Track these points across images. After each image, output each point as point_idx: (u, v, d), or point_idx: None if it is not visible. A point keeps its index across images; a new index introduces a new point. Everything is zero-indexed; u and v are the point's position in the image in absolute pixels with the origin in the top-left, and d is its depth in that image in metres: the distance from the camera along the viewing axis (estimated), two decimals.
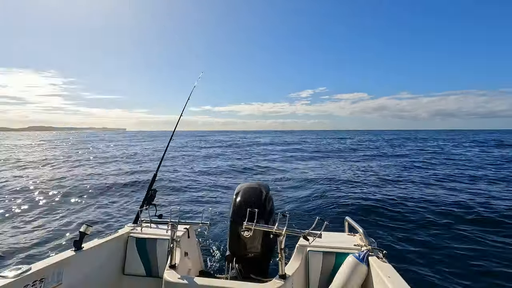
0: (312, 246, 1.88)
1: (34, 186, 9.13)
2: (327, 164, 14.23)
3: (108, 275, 2.07)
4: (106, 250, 2.06)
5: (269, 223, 1.95)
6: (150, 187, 2.62)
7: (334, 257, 1.88)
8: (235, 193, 2.14)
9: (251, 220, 1.60)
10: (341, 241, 2.01)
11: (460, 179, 9.31)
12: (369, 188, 8.22)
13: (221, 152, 22.49)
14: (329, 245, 1.94)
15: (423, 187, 8.26)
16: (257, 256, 2.00)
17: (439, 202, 6.50)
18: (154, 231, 2.25)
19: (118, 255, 2.17)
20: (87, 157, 18.96)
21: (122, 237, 2.21)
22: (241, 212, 1.84)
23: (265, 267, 2.18)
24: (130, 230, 2.28)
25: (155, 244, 2.17)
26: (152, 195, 2.60)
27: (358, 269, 1.66)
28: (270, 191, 2.29)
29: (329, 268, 1.87)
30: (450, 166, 12.58)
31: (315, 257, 1.90)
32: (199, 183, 9.73)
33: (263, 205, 2.03)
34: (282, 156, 19.01)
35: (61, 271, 1.69)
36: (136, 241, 2.20)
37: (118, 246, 2.17)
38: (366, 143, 32.90)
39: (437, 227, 4.96)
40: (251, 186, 2.19)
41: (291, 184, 9.20)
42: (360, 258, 1.69)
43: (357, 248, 1.89)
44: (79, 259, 1.82)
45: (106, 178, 10.70)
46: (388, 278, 1.46)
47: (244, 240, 1.88)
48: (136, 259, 2.18)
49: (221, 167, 13.65)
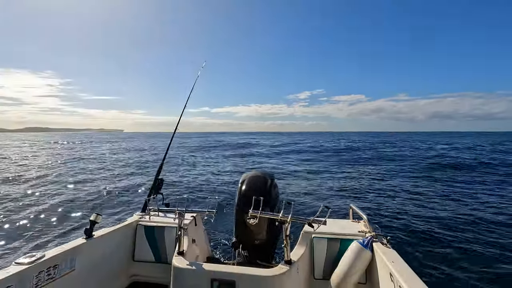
0: (317, 232, 1.91)
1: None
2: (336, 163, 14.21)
3: (118, 262, 2.14)
4: (116, 237, 2.12)
5: (274, 210, 1.97)
6: (157, 176, 2.65)
7: (339, 243, 1.90)
8: (241, 182, 2.16)
9: (257, 208, 1.62)
10: (345, 228, 2.03)
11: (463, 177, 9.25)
12: (374, 181, 8.22)
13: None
14: (333, 231, 1.96)
15: (426, 181, 8.23)
16: (263, 243, 2.03)
17: (440, 194, 6.49)
18: (162, 219, 2.30)
19: (128, 242, 2.23)
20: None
21: (131, 225, 2.26)
22: (246, 200, 1.86)
23: (271, 253, 2.22)
24: (139, 219, 2.33)
25: (163, 231, 2.22)
26: (159, 184, 2.64)
27: (362, 254, 1.68)
28: (275, 179, 2.31)
29: (333, 254, 1.90)
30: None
31: (320, 243, 1.93)
32: (206, 173, 9.82)
33: (268, 193, 2.05)
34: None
35: (74, 258, 1.75)
36: (145, 229, 2.25)
37: (127, 233, 2.23)
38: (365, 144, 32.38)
39: (441, 216, 4.97)
40: (256, 175, 2.21)
41: (297, 175, 9.24)
42: (364, 244, 1.71)
43: (361, 234, 1.91)
44: (90, 246, 1.88)
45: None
46: (392, 263, 1.48)
47: (250, 227, 1.91)
48: (145, 246, 2.24)
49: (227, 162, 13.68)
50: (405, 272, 1.38)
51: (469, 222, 4.61)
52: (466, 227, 4.40)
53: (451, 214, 5.01)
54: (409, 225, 4.50)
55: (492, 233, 4.22)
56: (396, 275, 1.38)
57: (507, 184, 7.54)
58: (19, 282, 1.41)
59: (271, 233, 2.02)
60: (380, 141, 26.73)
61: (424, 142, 25.50)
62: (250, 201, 1.68)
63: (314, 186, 7.37)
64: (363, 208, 2.12)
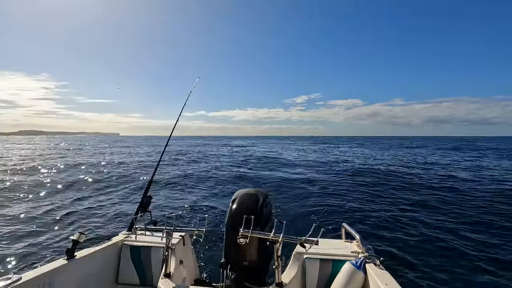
0: (309, 253, 1.87)
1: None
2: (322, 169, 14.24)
3: (101, 285, 2.03)
4: (100, 258, 2.02)
5: (265, 230, 1.93)
6: (145, 194, 2.58)
7: (331, 265, 1.86)
8: (232, 200, 2.13)
9: (247, 227, 1.59)
10: (338, 248, 2.00)
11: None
12: (365, 196, 8.24)
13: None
14: (326, 252, 1.93)
15: (421, 192, 8.30)
16: (253, 264, 1.97)
17: (436, 208, 6.54)
18: (148, 238, 2.21)
19: (112, 263, 2.13)
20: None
21: (116, 245, 2.17)
22: (237, 219, 1.82)
23: (261, 275, 2.15)
24: (124, 238, 2.24)
25: (150, 252, 2.13)
26: (147, 201, 2.56)
27: (355, 276, 1.64)
28: (269, 198, 2.28)
29: (326, 276, 1.86)
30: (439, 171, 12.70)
31: (312, 264, 1.89)
32: (196, 190, 9.66)
33: (260, 212, 2.01)
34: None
35: (52, 281, 1.65)
36: (131, 249, 2.16)
37: (111, 254, 2.13)
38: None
39: (434, 233, 4.98)
40: (248, 193, 2.17)
41: (289, 191, 9.18)
42: (357, 265, 1.68)
43: (354, 255, 1.88)
44: (71, 268, 1.78)
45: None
46: (386, 286, 1.45)
47: (240, 247, 1.86)
48: (130, 268, 2.14)
49: (221, 173, 13.55)
50: None
51: (468, 243, 4.61)
52: (465, 249, 4.39)
53: (449, 233, 5.02)
54: (404, 245, 4.47)
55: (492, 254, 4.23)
56: None
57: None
58: None
59: (262, 253, 1.97)
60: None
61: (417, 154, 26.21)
62: (241, 219, 1.64)
63: (307, 204, 7.33)
64: (356, 226, 2.10)
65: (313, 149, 34.63)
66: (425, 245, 4.47)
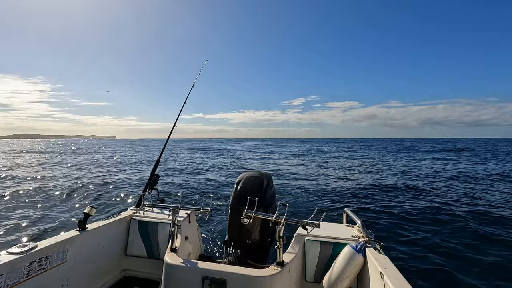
0: (310, 235, 1.91)
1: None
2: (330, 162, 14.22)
3: (110, 255, 2.13)
4: (109, 231, 2.11)
5: (268, 211, 1.97)
6: (153, 172, 2.63)
7: (332, 247, 1.90)
8: (237, 181, 2.16)
9: (251, 208, 1.62)
10: (339, 232, 2.04)
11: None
12: (368, 183, 8.23)
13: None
14: (327, 234, 1.97)
15: (424, 182, 8.25)
16: (256, 243, 2.03)
17: (439, 197, 6.51)
18: (156, 215, 2.29)
19: (121, 236, 2.22)
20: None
21: (125, 219, 2.25)
22: (241, 200, 1.86)
23: (263, 254, 2.22)
24: (133, 213, 2.32)
25: (157, 227, 2.21)
26: (155, 179, 2.62)
27: (354, 259, 1.68)
28: (272, 181, 2.30)
29: (326, 257, 1.90)
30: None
31: (312, 246, 1.93)
32: (202, 170, 9.80)
33: (264, 193, 2.04)
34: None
35: (66, 249, 1.74)
36: (139, 223, 2.24)
37: (121, 228, 2.22)
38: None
39: (437, 222, 4.99)
40: (253, 175, 2.20)
41: (294, 177, 9.24)
42: (357, 248, 1.71)
43: (354, 239, 1.91)
44: (83, 239, 1.87)
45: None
46: (384, 269, 1.48)
47: (244, 227, 1.91)
48: (138, 241, 2.23)
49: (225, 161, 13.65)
50: (396, 279, 1.38)
51: (470, 231, 4.60)
52: (467, 237, 4.39)
53: (451, 220, 5.02)
54: (404, 231, 4.51)
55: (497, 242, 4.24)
56: (387, 281, 1.38)
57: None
58: (10, 271, 1.40)
59: (264, 233, 2.02)
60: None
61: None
62: (245, 200, 1.68)
63: (310, 188, 7.38)
64: (357, 212, 2.14)
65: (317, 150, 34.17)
66: (428, 234, 4.49)
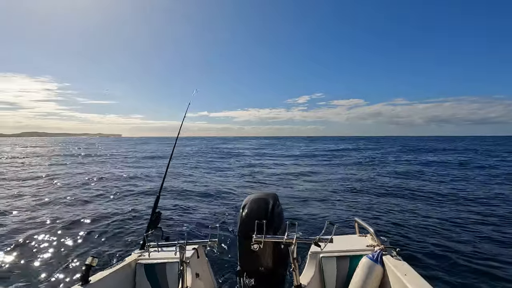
0: (325, 252, 1.85)
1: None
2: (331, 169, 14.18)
3: None
4: (115, 280, 2.00)
5: (278, 233, 1.91)
6: (154, 210, 2.56)
7: (348, 261, 1.84)
8: (242, 206, 2.11)
9: (260, 233, 1.57)
10: (353, 243, 1.98)
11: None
12: (378, 187, 8.16)
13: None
14: (341, 248, 1.91)
15: (435, 185, 8.18)
16: (270, 269, 1.95)
17: (454, 198, 6.44)
18: (162, 254, 2.20)
19: (128, 284, 2.11)
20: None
21: (130, 265, 2.15)
22: (249, 225, 1.81)
23: (279, 279, 2.13)
24: (138, 257, 2.23)
25: (165, 268, 2.12)
26: (157, 217, 2.55)
27: (373, 270, 1.62)
28: (279, 200, 2.26)
29: (344, 273, 1.83)
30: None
31: (329, 263, 1.86)
32: (205, 199, 9.62)
33: (271, 215, 1.99)
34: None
35: None
36: (145, 267, 2.15)
37: (126, 275, 2.12)
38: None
39: (452, 224, 4.89)
40: (258, 197, 2.16)
41: (298, 190, 9.12)
42: (374, 258, 1.65)
43: (370, 248, 1.85)
44: None
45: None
46: (405, 276, 1.43)
47: (255, 253, 1.84)
48: (146, 286, 2.12)
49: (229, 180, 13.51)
50: (419, 284, 1.33)
51: (490, 225, 4.51)
52: (485, 231, 4.29)
53: (463, 215, 4.94)
54: (418, 233, 4.41)
55: None
56: (410, 287, 1.33)
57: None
58: None
59: (277, 257, 1.95)
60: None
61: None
62: (253, 225, 1.63)
63: (315, 198, 7.27)
64: (369, 219, 2.07)
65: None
66: (443, 232, 4.40)
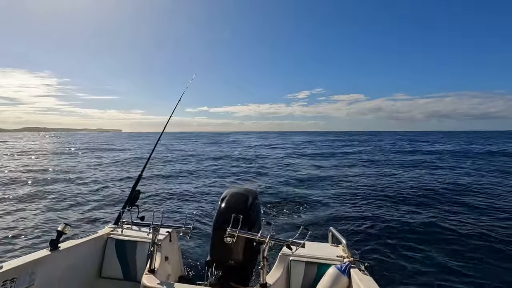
0: (295, 255, 1.88)
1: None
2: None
3: (83, 278, 2.00)
4: (84, 251, 1.99)
5: (253, 230, 1.93)
6: (134, 187, 2.54)
7: (316, 268, 1.88)
8: (221, 198, 2.12)
9: (235, 227, 1.59)
10: (324, 252, 2.02)
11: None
12: (358, 199, 8.27)
13: None
14: (312, 255, 1.94)
15: (414, 195, 8.25)
16: (239, 263, 1.97)
17: (428, 214, 6.56)
18: (135, 233, 2.19)
19: (96, 256, 2.10)
20: None
21: (101, 238, 2.14)
22: (225, 218, 1.82)
23: (246, 275, 2.15)
24: (110, 231, 2.21)
25: (135, 246, 2.11)
26: (136, 195, 2.53)
27: (339, 281, 1.66)
28: (258, 198, 2.27)
29: (310, 279, 1.87)
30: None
31: (297, 266, 1.89)
32: (185, 186, 9.59)
33: (248, 211, 2.01)
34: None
35: (34, 271, 1.61)
36: (116, 242, 2.13)
37: (96, 247, 2.10)
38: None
39: (425, 241, 4.98)
40: (238, 192, 2.17)
41: (279, 190, 9.17)
42: (341, 269, 1.69)
43: (339, 259, 1.89)
44: (54, 259, 1.75)
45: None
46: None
47: (227, 246, 1.85)
48: (114, 262, 2.11)
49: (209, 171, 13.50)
50: None
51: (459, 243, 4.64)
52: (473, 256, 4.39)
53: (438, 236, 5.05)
54: (390, 251, 4.51)
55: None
56: None
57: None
58: None
59: (248, 253, 1.97)
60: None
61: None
62: (229, 218, 1.64)
63: (296, 206, 7.34)
64: (343, 230, 2.11)
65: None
66: (414, 252, 4.51)
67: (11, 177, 10.38)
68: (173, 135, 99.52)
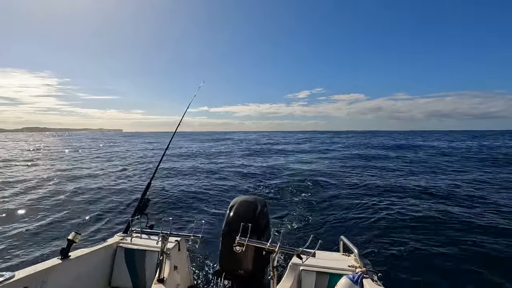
0: (306, 265, 1.84)
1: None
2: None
3: (93, 287, 2.00)
4: (94, 260, 2.00)
5: (262, 239, 1.91)
6: (143, 196, 2.56)
7: (328, 278, 1.83)
8: (230, 207, 2.12)
9: (244, 235, 1.57)
10: (335, 261, 1.97)
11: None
12: (370, 204, 8.10)
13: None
14: (323, 265, 1.90)
15: (430, 203, 8.04)
16: (249, 273, 1.95)
17: (449, 223, 6.34)
18: (144, 242, 2.19)
19: (106, 265, 2.11)
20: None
21: (111, 247, 2.15)
22: (234, 226, 1.81)
23: (256, 285, 2.12)
24: (120, 240, 2.22)
25: (144, 255, 2.11)
26: (145, 204, 2.55)
27: None
28: (267, 206, 2.26)
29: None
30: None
31: (308, 277, 1.85)
32: (194, 195, 9.60)
33: (258, 220, 1.99)
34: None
35: (45, 280, 1.63)
36: (125, 251, 2.14)
37: (106, 256, 2.11)
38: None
39: (444, 254, 4.82)
40: (247, 200, 2.16)
41: (289, 199, 9.09)
42: (354, 280, 1.64)
43: (351, 269, 1.85)
44: (64, 268, 1.77)
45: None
46: None
47: (236, 255, 1.83)
48: (123, 271, 2.11)
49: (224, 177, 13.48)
50: None
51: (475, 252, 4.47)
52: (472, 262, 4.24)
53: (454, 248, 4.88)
54: (405, 262, 4.37)
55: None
56: None
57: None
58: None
59: (257, 262, 1.94)
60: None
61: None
62: (238, 227, 1.63)
63: (305, 213, 7.24)
64: (353, 240, 2.06)
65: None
66: (429, 263, 4.37)
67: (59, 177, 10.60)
68: (179, 135, 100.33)
